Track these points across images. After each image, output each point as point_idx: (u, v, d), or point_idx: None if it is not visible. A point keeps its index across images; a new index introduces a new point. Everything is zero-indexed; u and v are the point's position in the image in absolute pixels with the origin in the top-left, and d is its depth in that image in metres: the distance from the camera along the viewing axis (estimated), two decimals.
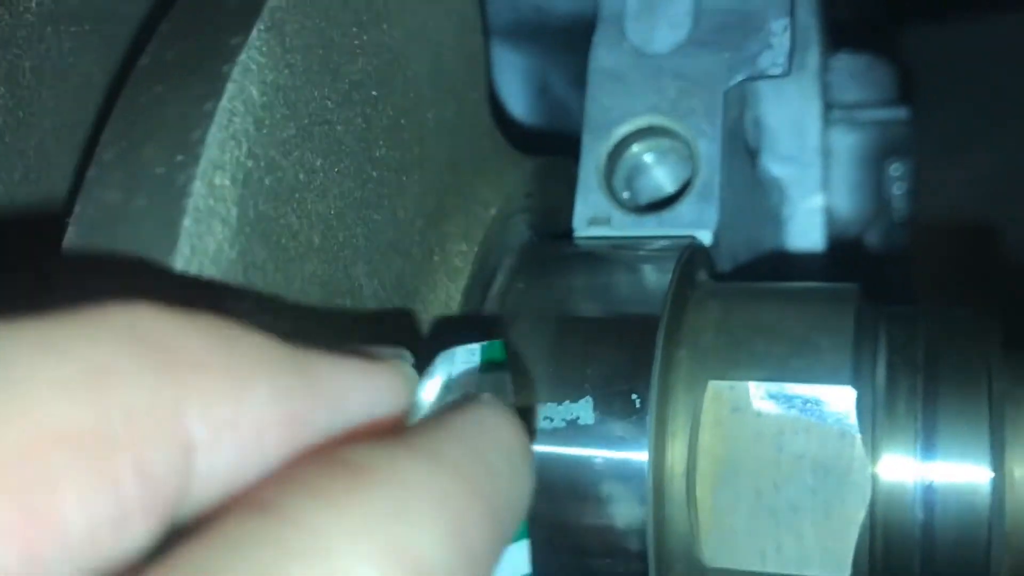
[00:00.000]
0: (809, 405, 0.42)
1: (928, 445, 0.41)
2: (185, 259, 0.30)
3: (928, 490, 0.41)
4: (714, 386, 0.43)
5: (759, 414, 0.42)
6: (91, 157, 0.34)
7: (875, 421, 0.41)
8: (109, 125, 0.33)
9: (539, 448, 0.42)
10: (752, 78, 0.54)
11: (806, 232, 0.73)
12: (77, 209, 0.32)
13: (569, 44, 0.62)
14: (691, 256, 0.47)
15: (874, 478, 0.40)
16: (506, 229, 0.49)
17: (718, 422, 0.42)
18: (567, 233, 0.54)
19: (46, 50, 0.44)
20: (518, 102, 0.79)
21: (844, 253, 0.75)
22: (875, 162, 0.82)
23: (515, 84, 0.79)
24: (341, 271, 0.37)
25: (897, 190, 0.83)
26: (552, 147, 0.57)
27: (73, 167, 0.45)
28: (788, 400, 0.42)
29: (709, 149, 0.52)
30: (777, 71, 0.53)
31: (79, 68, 0.46)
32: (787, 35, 0.54)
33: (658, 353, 0.42)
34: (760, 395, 0.42)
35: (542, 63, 0.79)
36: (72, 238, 0.31)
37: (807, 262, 0.72)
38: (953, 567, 0.41)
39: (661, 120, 0.53)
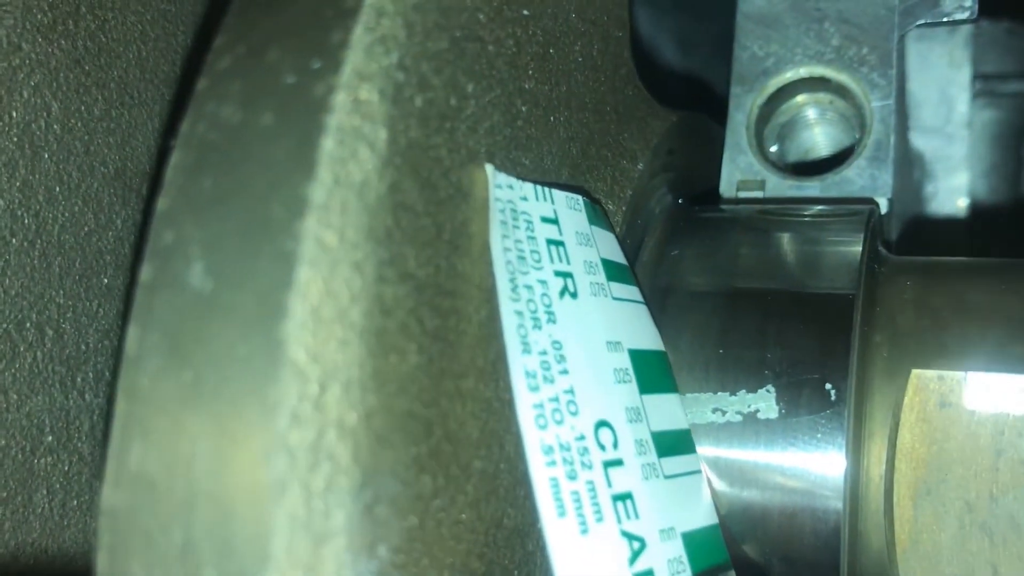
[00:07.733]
0: None
1: None
2: (326, 190, 0.23)
3: None
4: (918, 376, 0.35)
5: (973, 411, 0.35)
6: (186, 91, 0.27)
7: None
8: (224, 26, 0.27)
9: (708, 448, 0.35)
10: (932, 24, 0.46)
11: (949, 213, 0.65)
12: (185, 128, 0.25)
13: None
14: (877, 225, 0.40)
15: None
16: (651, 189, 0.42)
17: (923, 419, 0.35)
18: (706, 197, 0.47)
19: None
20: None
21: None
22: (1013, 140, 0.74)
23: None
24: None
25: None
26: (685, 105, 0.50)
27: (161, 104, 0.39)
28: (1009, 394, 0.35)
29: (883, 105, 0.45)
30: (964, 15, 0.46)
31: None
32: None
33: (855, 335, 0.35)
34: (974, 388, 0.35)
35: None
36: (179, 164, 0.25)
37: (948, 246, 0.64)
38: None
39: (825, 70, 0.46)
